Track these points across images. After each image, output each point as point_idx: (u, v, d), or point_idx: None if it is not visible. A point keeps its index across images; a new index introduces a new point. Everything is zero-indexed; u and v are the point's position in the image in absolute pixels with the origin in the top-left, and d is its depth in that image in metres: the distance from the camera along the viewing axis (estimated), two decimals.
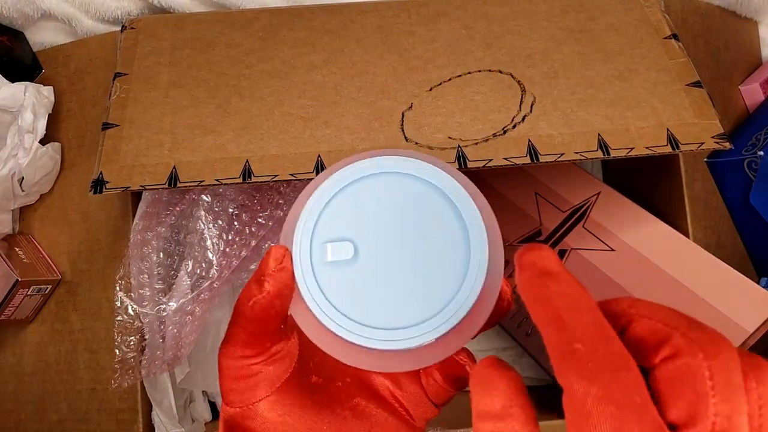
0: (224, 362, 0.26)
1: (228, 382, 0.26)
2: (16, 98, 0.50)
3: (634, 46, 0.45)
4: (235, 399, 0.26)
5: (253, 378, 0.26)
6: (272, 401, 0.26)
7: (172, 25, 0.47)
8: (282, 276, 0.24)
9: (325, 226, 0.25)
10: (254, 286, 0.25)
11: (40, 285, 0.51)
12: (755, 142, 0.51)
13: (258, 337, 0.25)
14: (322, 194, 0.25)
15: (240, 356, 0.25)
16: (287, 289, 0.24)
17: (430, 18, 0.48)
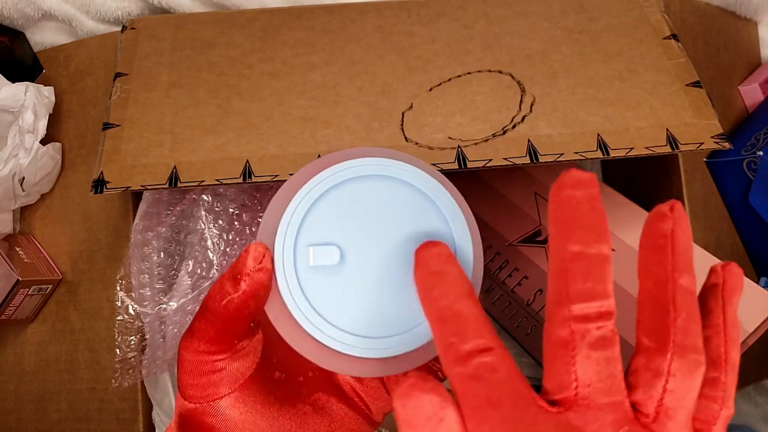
0: (186, 356, 0.25)
1: (188, 377, 0.25)
2: (16, 98, 0.50)
3: (634, 47, 0.46)
4: (194, 394, 0.25)
5: (216, 374, 0.25)
6: (235, 398, 0.25)
7: (173, 26, 0.47)
8: (260, 276, 0.23)
9: (310, 228, 0.24)
10: (228, 283, 0.24)
11: (41, 285, 0.51)
12: (754, 143, 0.51)
13: (226, 335, 0.25)
14: (307, 194, 0.24)
15: (204, 351, 0.25)
16: (264, 289, 0.24)
17: (430, 18, 0.48)
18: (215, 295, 0.24)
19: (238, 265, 0.23)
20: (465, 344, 0.19)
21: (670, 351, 0.19)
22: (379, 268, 0.23)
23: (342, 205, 0.24)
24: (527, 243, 0.51)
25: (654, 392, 0.19)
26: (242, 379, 0.26)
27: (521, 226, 0.52)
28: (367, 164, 0.24)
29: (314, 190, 0.24)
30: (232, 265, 0.24)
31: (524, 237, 0.51)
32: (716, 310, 0.21)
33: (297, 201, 0.24)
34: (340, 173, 0.24)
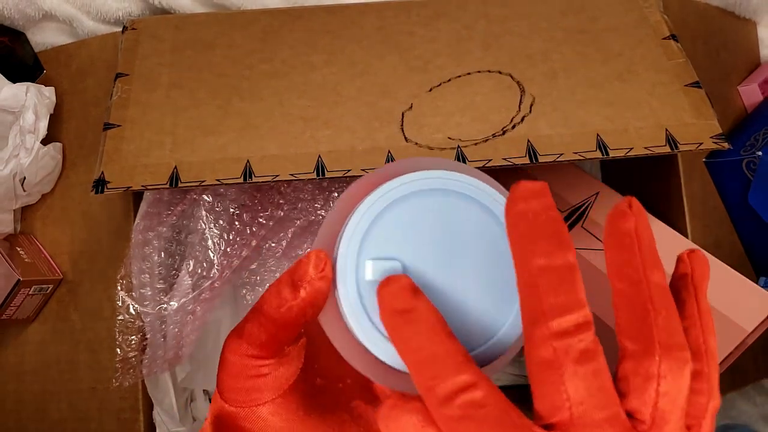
0: (231, 358, 0.24)
1: (231, 380, 0.24)
2: (17, 99, 0.50)
3: (633, 47, 0.46)
4: (235, 398, 0.25)
5: (261, 379, 0.24)
6: (277, 404, 0.25)
7: (173, 26, 0.48)
8: (320, 285, 0.22)
9: (372, 241, 0.23)
10: (287, 289, 0.23)
11: (42, 285, 0.51)
12: (754, 143, 0.51)
13: (277, 340, 0.24)
14: (371, 207, 0.23)
15: (251, 355, 0.24)
16: (322, 298, 0.23)
17: (430, 18, 0.48)
18: (272, 299, 0.23)
19: (298, 271, 0.23)
20: (445, 384, 0.19)
21: (658, 353, 0.19)
22: (441, 286, 0.23)
23: (405, 219, 0.23)
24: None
25: (647, 397, 0.19)
26: (286, 385, 0.25)
27: None
28: (432, 177, 0.24)
29: (378, 203, 0.23)
30: (290, 271, 0.23)
31: None
32: (690, 301, 0.21)
33: (360, 212, 0.23)
34: (404, 186, 0.23)
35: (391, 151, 0.40)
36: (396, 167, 0.25)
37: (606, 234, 0.20)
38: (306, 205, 0.52)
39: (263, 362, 0.24)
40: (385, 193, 0.23)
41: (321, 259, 0.23)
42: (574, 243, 0.51)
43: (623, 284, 0.20)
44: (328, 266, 0.23)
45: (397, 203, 0.23)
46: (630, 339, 0.19)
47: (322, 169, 0.40)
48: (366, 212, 0.23)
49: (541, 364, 0.19)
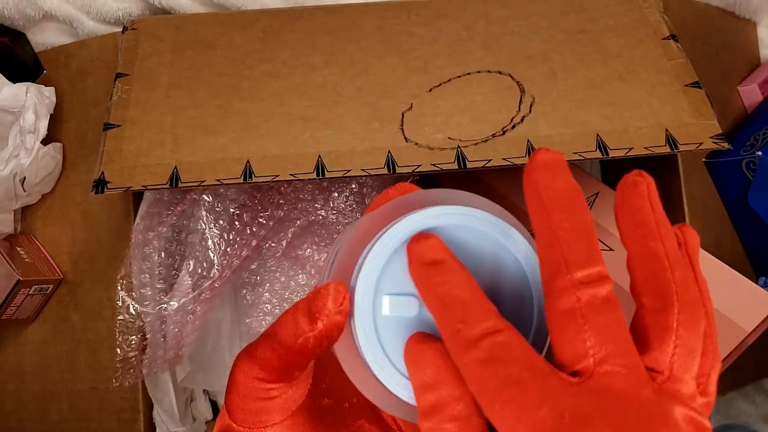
0: (240, 378, 0.24)
1: (240, 400, 0.24)
2: (17, 99, 0.50)
3: (633, 47, 0.46)
4: (244, 418, 0.24)
5: (270, 402, 0.24)
6: (285, 426, 0.25)
7: (173, 26, 0.48)
8: (338, 319, 0.22)
9: (392, 275, 0.23)
10: (304, 319, 0.23)
11: (42, 285, 0.51)
12: (753, 143, 0.51)
13: (290, 367, 0.24)
14: (390, 241, 0.23)
15: (261, 378, 0.24)
16: (339, 331, 0.23)
17: (430, 19, 0.48)
18: (288, 328, 0.23)
19: (317, 302, 0.22)
20: (473, 328, 0.19)
21: (676, 306, 0.19)
22: None
23: None
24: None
25: (666, 348, 0.19)
26: (294, 407, 0.25)
27: None
28: (451, 213, 0.23)
29: (400, 234, 0.23)
30: (307, 299, 0.23)
31: None
32: (687, 267, 0.21)
33: (380, 246, 0.23)
34: (423, 221, 0.23)
35: (391, 151, 0.40)
36: (425, 197, 0.25)
37: (617, 202, 0.21)
38: (306, 205, 0.52)
39: (273, 386, 0.24)
40: (409, 225, 0.23)
41: (340, 292, 0.23)
42: None
43: (638, 245, 0.20)
44: (347, 300, 0.23)
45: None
46: (647, 295, 0.20)
47: (322, 169, 0.40)
48: (387, 244, 0.23)
49: (563, 314, 0.19)
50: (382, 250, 0.23)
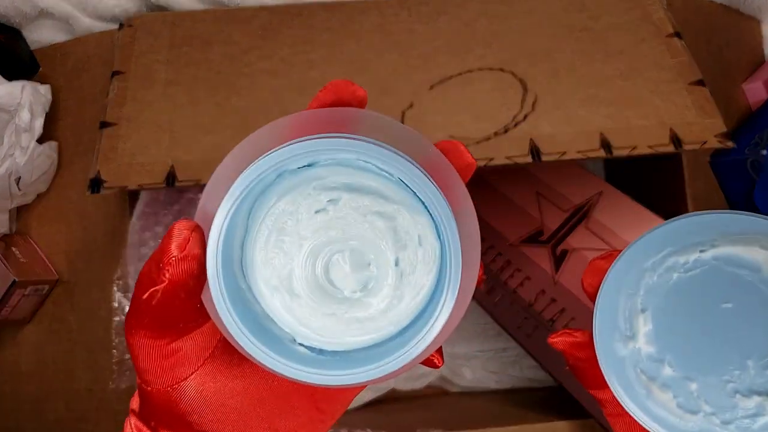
0: (132, 341, 0.22)
1: (142, 363, 0.23)
2: (13, 97, 0.50)
3: (636, 45, 0.45)
4: (153, 379, 0.23)
5: (173, 357, 0.23)
6: (201, 375, 0.23)
7: (170, 23, 0.47)
8: (185, 266, 0.21)
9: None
10: (154, 270, 0.21)
11: (38, 285, 0.51)
12: (758, 141, 0.51)
13: (165, 322, 0.22)
14: (246, 180, 0.21)
15: (150, 336, 0.22)
16: (194, 279, 0.21)
17: (431, 16, 0.47)
18: (142, 280, 0.21)
19: (161, 249, 0.21)
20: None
21: None
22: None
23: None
24: (529, 243, 0.50)
25: None
26: (205, 354, 0.23)
27: (523, 226, 0.52)
28: (325, 148, 0.21)
29: (257, 177, 0.21)
30: (159, 245, 0.21)
31: (526, 237, 0.51)
32: None
33: (240, 182, 0.21)
34: (292, 158, 0.21)
35: None
36: (331, 117, 0.23)
37: None
38: None
39: (164, 341, 0.22)
40: (276, 159, 0.21)
41: (182, 234, 0.21)
42: (576, 243, 0.50)
43: None
44: (195, 241, 0.21)
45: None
46: None
47: None
48: (246, 181, 0.21)
49: None
50: (238, 187, 0.21)
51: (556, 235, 0.50)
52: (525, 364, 0.57)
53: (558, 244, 0.50)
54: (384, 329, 0.23)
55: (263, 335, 0.22)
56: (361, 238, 0.23)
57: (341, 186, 0.23)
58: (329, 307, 0.23)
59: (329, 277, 0.23)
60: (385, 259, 0.23)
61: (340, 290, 0.23)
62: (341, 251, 0.23)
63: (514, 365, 0.57)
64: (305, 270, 0.23)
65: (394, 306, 0.23)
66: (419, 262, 0.23)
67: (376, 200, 0.23)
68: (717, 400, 0.24)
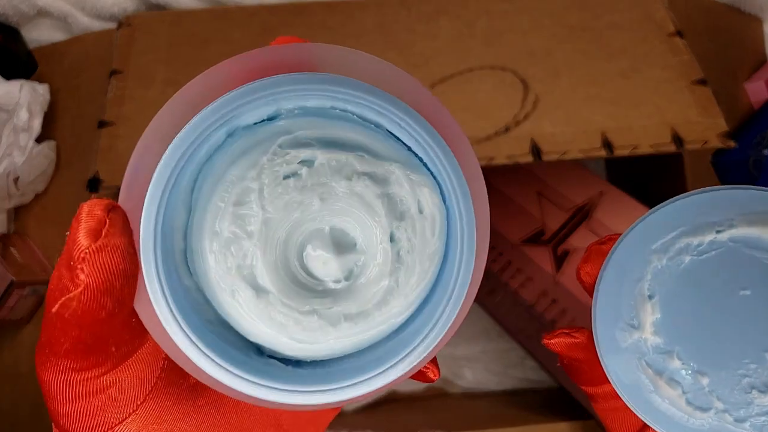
0: (45, 376, 0.17)
1: (59, 405, 0.17)
2: (11, 96, 0.50)
3: (638, 44, 0.45)
4: (73, 427, 0.18)
5: (100, 396, 0.17)
6: (141, 419, 0.18)
7: (169, 22, 0.47)
8: (107, 260, 0.15)
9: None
10: (64, 271, 0.16)
11: (36, 285, 0.50)
12: (760, 141, 0.50)
13: (90, 346, 0.17)
14: (183, 142, 0.16)
15: (69, 369, 0.17)
16: (120, 280, 0.16)
17: (431, 15, 0.47)
18: (52, 291, 0.16)
19: (69, 241, 0.16)
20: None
21: None
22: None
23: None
24: (530, 243, 0.50)
25: None
26: (146, 389, 0.18)
27: (524, 226, 0.51)
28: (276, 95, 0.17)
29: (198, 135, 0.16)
30: (67, 240, 0.16)
31: (527, 237, 0.51)
32: None
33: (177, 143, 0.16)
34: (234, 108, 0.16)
35: None
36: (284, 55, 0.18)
37: None
38: None
39: (90, 373, 0.17)
40: (219, 109, 0.16)
41: (95, 217, 0.15)
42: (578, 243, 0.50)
43: None
44: (113, 227, 0.16)
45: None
46: None
47: None
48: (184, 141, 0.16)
49: None
50: (175, 153, 0.16)
51: (558, 235, 0.50)
52: (527, 366, 0.56)
53: (559, 245, 0.49)
54: (378, 327, 0.18)
55: (218, 348, 0.17)
56: (345, 211, 0.18)
57: (315, 141, 0.17)
58: (308, 302, 0.18)
59: (305, 264, 0.18)
60: (377, 236, 0.18)
61: (321, 281, 0.18)
62: (320, 229, 0.18)
63: (516, 366, 0.57)
64: (273, 257, 0.17)
65: (392, 295, 0.18)
66: (420, 235, 0.18)
67: (361, 158, 0.17)
68: (730, 396, 0.21)
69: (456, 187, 0.17)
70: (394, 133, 0.18)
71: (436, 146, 0.17)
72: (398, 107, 0.17)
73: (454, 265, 0.17)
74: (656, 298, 0.22)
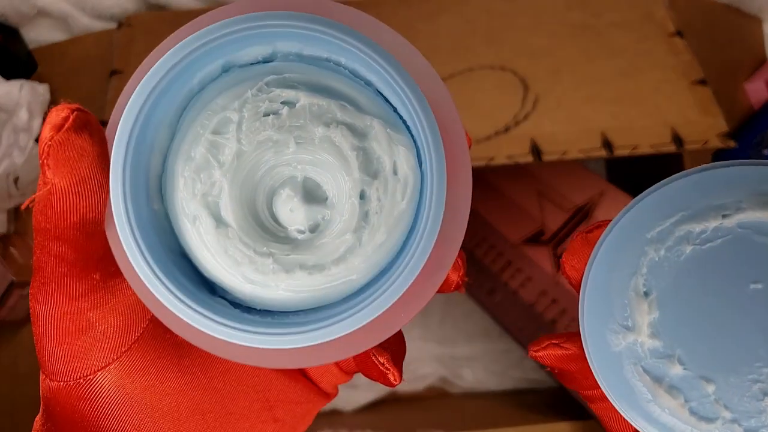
0: (35, 309, 0.18)
1: (46, 343, 0.18)
2: (11, 96, 0.50)
3: (638, 43, 0.45)
4: (63, 369, 0.18)
5: (87, 334, 0.17)
6: (118, 370, 0.18)
7: (169, 22, 0.47)
8: (74, 159, 0.16)
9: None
10: (39, 179, 0.16)
11: None
12: (760, 141, 0.50)
13: (74, 261, 0.17)
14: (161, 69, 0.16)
15: (57, 297, 0.17)
16: (88, 188, 0.16)
17: (431, 13, 0.47)
18: (38, 200, 0.17)
19: (40, 141, 0.16)
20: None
21: None
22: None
23: None
24: (530, 243, 0.50)
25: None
26: (126, 343, 0.18)
27: (524, 226, 0.51)
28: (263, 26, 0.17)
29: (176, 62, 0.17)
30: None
31: (527, 237, 0.51)
32: None
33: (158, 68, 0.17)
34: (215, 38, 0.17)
35: None
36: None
37: None
38: None
39: (81, 306, 0.17)
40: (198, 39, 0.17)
41: (63, 114, 0.16)
42: None
43: None
44: (81, 126, 0.16)
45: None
46: None
47: None
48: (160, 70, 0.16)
49: None
50: (166, 63, 0.16)
51: (558, 235, 0.50)
52: (527, 366, 0.56)
53: (559, 245, 0.49)
54: (333, 284, 0.17)
55: (172, 275, 0.17)
56: (319, 161, 0.17)
57: (302, 85, 0.17)
58: (266, 245, 0.17)
59: (273, 208, 0.18)
60: (347, 190, 0.17)
61: (284, 228, 0.18)
62: (294, 177, 0.18)
63: (516, 366, 0.57)
64: (239, 192, 0.17)
65: (352, 253, 0.17)
66: (390, 197, 0.17)
67: (343, 107, 0.17)
68: (740, 405, 0.19)
69: (433, 154, 0.17)
70: (382, 93, 0.18)
71: (422, 113, 0.17)
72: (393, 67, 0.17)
73: (418, 231, 0.17)
74: (653, 295, 0.19)
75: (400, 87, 0.17)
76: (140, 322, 0.18)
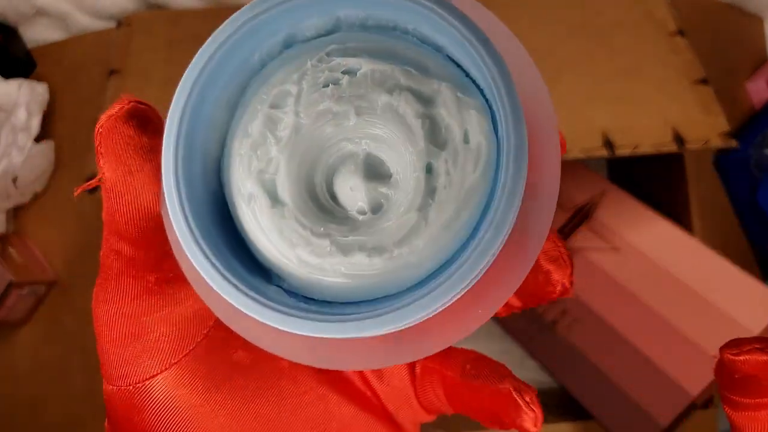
0: (97, 311, 0.17)
1: (104, 344, 0.17)
2: (10, 95, 0.50)
3: (640, 43, 0.45)
4: (113, 372, 0.17)
5: (140, 340, 0.17)
6: (171, 377, 0.17)
7: (168, 21, 0.47)
8: (120, 143, 0.16)
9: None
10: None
11: (34, 286, 0.50)
12: (762, 140, 0.50)
13: (131, 258, 0.17)
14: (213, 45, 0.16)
15: (115, 297, 0.17)
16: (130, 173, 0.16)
17: None
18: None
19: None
20: None
21: None
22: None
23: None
24: None
25: None
26: (179, 353, 0.17)
27: None
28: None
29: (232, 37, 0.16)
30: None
31: None
32: None
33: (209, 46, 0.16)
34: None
35: None
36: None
37: None
38: None
39: (137, 309, 0.17)
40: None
41: (116, 106, 0.16)
42: (579, 243, 0.50)
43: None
44: (134, 113, 0.16)
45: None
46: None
47: None
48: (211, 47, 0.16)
49: None
50: (222, 34, 0.16)
51: None
52: (527, 366, 0.56)
53: None
54: (395, 269, 0.15)
55: (224, 259, 0.15)
56: (382, 134, 0.16)
57: (365, 51, 0.16)
58: (324, 225, 0.16)
59: (331, 187, 0.16)
60: (411, 163, 0.15)
61: (344, 208, 0.16)
62: (355, 153, 0.16)
63: (516, 366, 0.56)
64: (297, 169, 0.16)
65: (416, 234, 0.15)
66: (461, 170, 0.15)
67: (408, 72, 0.16)
68: None
69: (511, 119, 0.14)
70: (453, 58, 0.16)
71: (500, 78, 0.15)
72: (462, 22, 0.15)
73: (495, 204, 0.14)
74: None
75: (468, 41, 0.15)
76: (196, 333, 0.18)
